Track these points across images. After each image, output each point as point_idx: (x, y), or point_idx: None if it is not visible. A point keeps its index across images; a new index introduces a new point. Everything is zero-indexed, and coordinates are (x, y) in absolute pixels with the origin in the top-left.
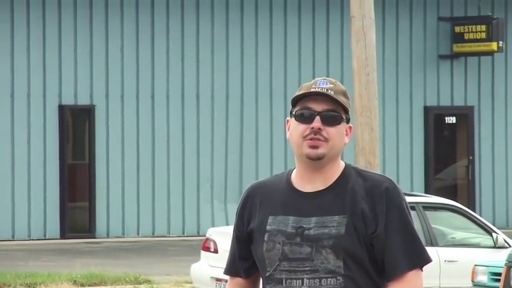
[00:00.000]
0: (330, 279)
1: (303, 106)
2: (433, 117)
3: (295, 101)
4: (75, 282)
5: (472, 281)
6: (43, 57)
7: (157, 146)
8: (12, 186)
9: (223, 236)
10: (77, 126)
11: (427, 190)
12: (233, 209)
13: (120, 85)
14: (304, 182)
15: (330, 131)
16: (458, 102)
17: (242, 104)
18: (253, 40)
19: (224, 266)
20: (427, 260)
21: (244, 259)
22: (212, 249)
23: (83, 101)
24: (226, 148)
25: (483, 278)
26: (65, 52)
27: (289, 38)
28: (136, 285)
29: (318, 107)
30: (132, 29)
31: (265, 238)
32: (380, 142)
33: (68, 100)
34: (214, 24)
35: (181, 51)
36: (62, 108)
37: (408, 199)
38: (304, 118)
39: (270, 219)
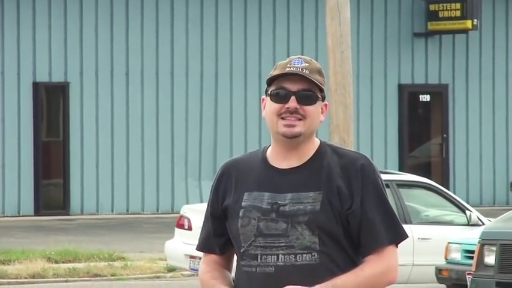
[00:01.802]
0: (305, 255)
1: (279, 86)
2: (407, 95)
3: (271, 80)
4: (49, 259)
5: (445, 259)
6: (17, 35)
7: (131, 124)
8: None
9: (197, 213)
10: (51, 103)
11: (401, 168)
12: (207, 187)
13: (95, 62)
14: (280, 159)
15: (306, 110)
16: (433, 80)
17: (216, 82)
18: (228, 19)
19: (197, 244)
20: (403, 235)
21: (219, 235)
22: (186, 227)
23: (57, 78)
24: (200, 126)
25: (456, 256)
26: (39, 29)
27: (264, 16)
28: (111, 262)
29: (293, 86)
30: (106, 7)
31: (240, 214)
32: (354, 120)
33: (42, 77)
34: (189, 2)
35: (156, 30)
36: (36, 85)
37: (382, 177)
38: (279, 98)
39: (245, 195)
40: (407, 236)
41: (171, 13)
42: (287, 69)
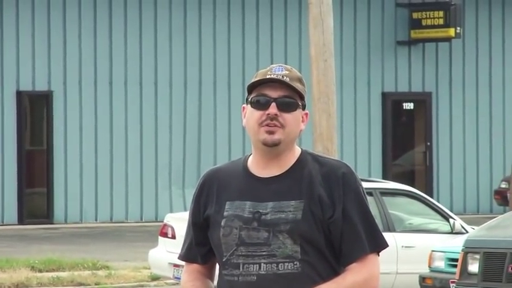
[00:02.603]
0: (287, 264)
1: (259, 93)
2: (391, 103)
3: (251, 87)
4: (33, 268)
5: (429, 267)
6: (0, 43)
7: (115, 132)
8: None
9: (181, 221)
10: (34, 112)
11: (385, 176)
12: (191, 195)
13: (78, 71)
14: (260, 168)
15: (286, 117)
16: (416, 88)
17: (200, 91)
18: (211, 27)
19: (180, 253)
20: (384, 244)
21: (201, 245)
22: (170, 235)
23: (41, 87)
24: (184, 134)
25: (440, 264)
26: (23, 38)
27: (247, 24)
28: (94, 271)
29: (273, 93)
30: (90, 17)
31: (222, 223)
32: (338, 128)
33: (25, 86)
34: (172, 11)
35: (139, 38)
36: (19, 94)
37: (366, 185)
38: (260, 105)
39: (227, 204)
40: (387, 245)
41: (154, 22)
42: (267, 76)
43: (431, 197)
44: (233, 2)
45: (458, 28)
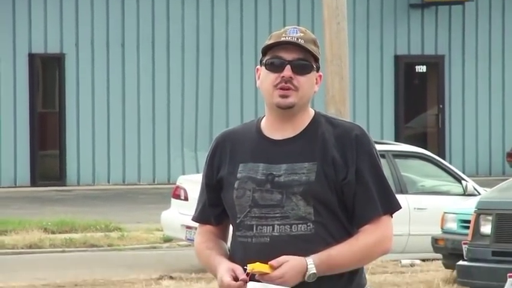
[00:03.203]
0: (300, 225)
1: (274, 55)
2: (404, 66)
3: (266, 49)
4: (45, 230)
5: (442, 228)
6: (12, 7)
7: (127, 94)
8: None
9: (193, 183)
10: (47, 74)
11: (397, 138)
12: (203, 158)
13: (90, 34)
14: (274, 130)
15: (301, 80)
16: (429, 51)
17: (212, 55)
18: None
19: (193, 214)
20: (397, 206)
21: (214, 206)
22: (182, 197)
23: (53, 49)
24: (196, 97)
25: (452, 225)
26: (35, 1)
27: None
28: (107, 233)
29: (288, 56)
30: None
31: (236, 185)
32: (350, 91)
33: (38, 49)
34: None
35: (152, 3)
36: (32, 56)
37: (378, 147)
38: (274, 67)
39: (240, 166)
40: (400, 207)
41: None
42: (282, 38)
43: (444, 159)
44: None
45: None
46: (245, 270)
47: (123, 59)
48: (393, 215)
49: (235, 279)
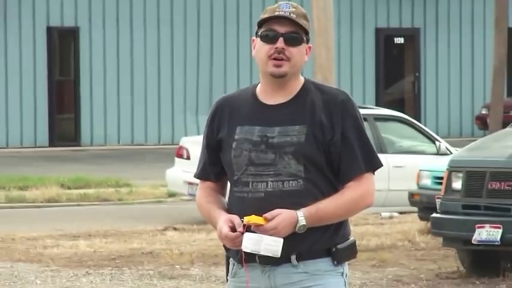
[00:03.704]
0: (291, 182)
1: (268, 28)
2: (384, 38)
3: (261, 23)
4: (62, 186)
5: (417, 184)
6: None
7: (135, 63)
8: (6, 100)
9: (195, 144)
10: (63, 45)
11: (378, 103)
12: (204, 121)
13: (102, 10)
14: (268, 96)
15: (292, 51)
16: (406, 24)
17: (212, 26)
18: None
19: (195, 172)
20: (378, 164)
21: (214, 164)
22: (185, 156)
23: (69, 23)
24: (197, 65)
25: (427, 182)
26: None
27: None
28: (117, 188)
29: (281, 29)
30: None
31: (233, 146)
32: (335, 60)
33: (55, 22)
34: None
35: None
36: (49, 29)
37: (361, 111)
38: (268, 39)
39: (238, 129)
40: (381, 165)
41: None
42: (276, 13)
43: (419, 122)
44: None
45: None
46: (242, 222)
47: (131, 33)
48: (375, 172)
49: (233, 229)
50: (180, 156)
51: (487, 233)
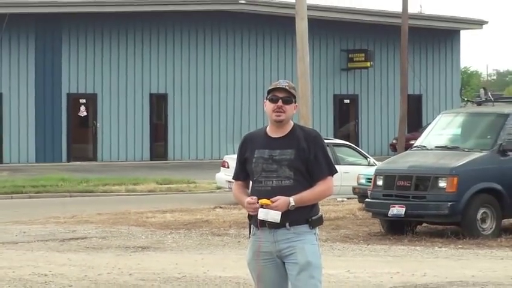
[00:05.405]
0: (286, 181)
1: (273, 94)
2: (338, 100)
3: (269, 91)
4: (157, 183)
5: (357, 182)
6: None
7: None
8: (125, 128)
9: (232, 159)
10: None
11: (335, 136)
12: (237, 145)
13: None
14: (273, 132)
15: (287, 108)
16: (351, 91)
17: (239, 93)
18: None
19: (232, 175)
20: (335, 171)
21: (242, 171)
22: (227, 166)
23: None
24: (233, 116)
25: (363, 181)
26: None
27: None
28: (188, 184)
29: (280, 94)
30: None
31: (253, 161)
32: (311, 112)
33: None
34: None
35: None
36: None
37: (325, 141)
38: (273, 101)
39: (256, 151)
40: (336, 171)
41: None
42: (277, 86)
43: (358, 147)
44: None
45: (371, 62)
46: (258, 203)
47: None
48: (333, 176)
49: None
50: (224, 166)
51: (397, 210)
